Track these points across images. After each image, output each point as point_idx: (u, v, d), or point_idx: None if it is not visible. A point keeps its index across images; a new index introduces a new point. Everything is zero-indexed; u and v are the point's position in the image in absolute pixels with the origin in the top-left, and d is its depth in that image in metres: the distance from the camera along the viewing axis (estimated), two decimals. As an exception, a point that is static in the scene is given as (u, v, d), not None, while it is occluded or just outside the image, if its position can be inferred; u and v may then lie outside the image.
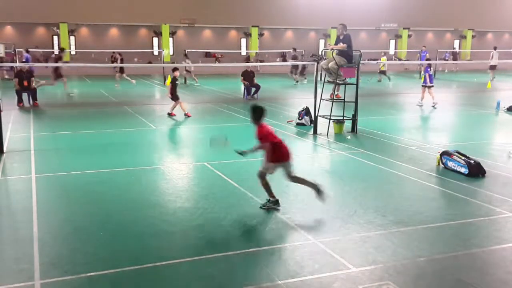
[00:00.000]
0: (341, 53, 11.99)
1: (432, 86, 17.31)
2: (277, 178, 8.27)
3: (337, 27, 12.60)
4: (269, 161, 6.49)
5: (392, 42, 47.25)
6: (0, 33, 36.26)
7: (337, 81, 12.52)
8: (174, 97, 14.83)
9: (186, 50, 30.04)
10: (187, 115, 14.60)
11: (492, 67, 28.49)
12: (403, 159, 9.61)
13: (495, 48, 29.79)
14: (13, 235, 5.84)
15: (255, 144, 6.54)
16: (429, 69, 17.76)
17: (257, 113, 6.52)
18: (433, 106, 16.90)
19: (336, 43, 12.34)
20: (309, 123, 13.09)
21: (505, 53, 41.33)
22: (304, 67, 26.64)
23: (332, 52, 12.13)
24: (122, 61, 24.71)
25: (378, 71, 27.72)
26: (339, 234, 5.85)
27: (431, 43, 46.67)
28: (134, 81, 23.49)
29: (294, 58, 27.86)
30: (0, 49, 26.18)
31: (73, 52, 37.50)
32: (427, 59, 28.86)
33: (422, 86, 17.50)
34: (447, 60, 37.19)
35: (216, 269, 4.97)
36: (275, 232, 5.91)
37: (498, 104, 16.74)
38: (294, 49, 28.69)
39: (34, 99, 17.04)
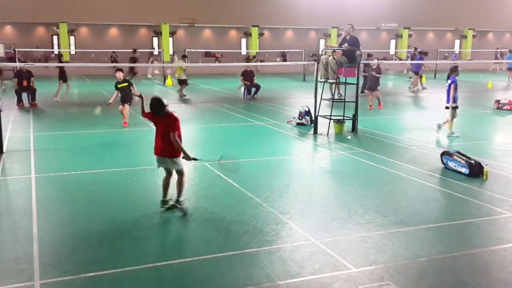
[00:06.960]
0: (345, 52, 11.98)
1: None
2: (272, 177, 8.27)
3: (342, 27, 12.66)
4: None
5: (393, 42, 47.23)
6: (0, 33, 36.25)
7: (335, 81, 12.52)
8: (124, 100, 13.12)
9: (186, 50, 29.96)
10: (124, 124, 13.00)
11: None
12: (403, 159, 9.60)
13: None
14: (13, 235, 5.83)
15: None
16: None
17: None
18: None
19: (342, 43, 12.32)
20: (309, 123, 13.07)
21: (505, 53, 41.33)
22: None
23: (333, 50, 12.12)
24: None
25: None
26: (339, 234, 5.84)
27: (431, 43, 46.66)
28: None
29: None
30: (0, 49, 26.19)
31: (72, 52, 37.48)
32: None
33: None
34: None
35: (216, 269, 4.96)
36: (275, 232, 5.89)
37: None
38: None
39: (33, 99, 17.03)
